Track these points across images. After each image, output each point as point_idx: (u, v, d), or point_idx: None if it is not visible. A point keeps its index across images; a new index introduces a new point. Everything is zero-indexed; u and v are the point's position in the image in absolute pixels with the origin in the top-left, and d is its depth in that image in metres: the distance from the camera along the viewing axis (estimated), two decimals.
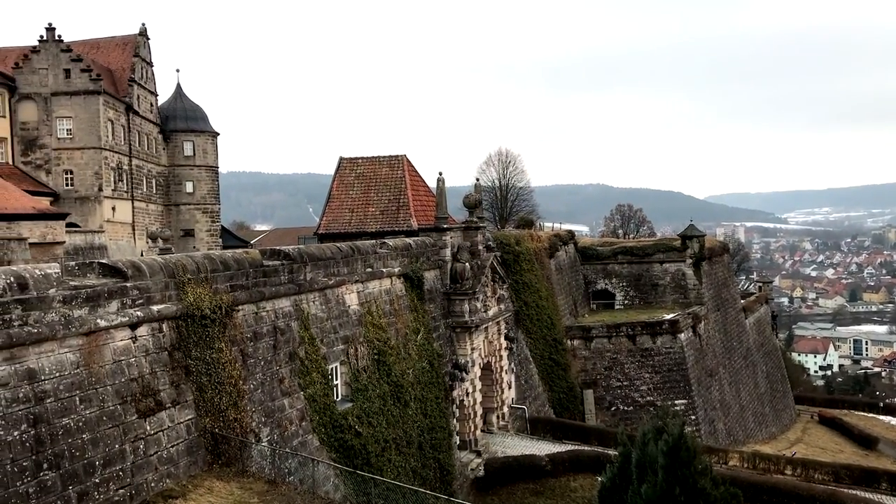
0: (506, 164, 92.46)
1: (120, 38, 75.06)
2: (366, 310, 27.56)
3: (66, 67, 64.86)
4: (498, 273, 39.81)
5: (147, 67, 75.61)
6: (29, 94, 64.98)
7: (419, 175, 49.68)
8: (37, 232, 43.06)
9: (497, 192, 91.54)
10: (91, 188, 64.94)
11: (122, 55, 72.85)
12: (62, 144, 64.91)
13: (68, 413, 14.77)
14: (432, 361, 31.59)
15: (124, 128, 69.60)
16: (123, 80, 70.96)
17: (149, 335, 17.26)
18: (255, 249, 24.29)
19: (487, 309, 37.86)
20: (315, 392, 22.91)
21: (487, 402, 38.19)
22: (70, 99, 64.72)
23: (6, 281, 14.01)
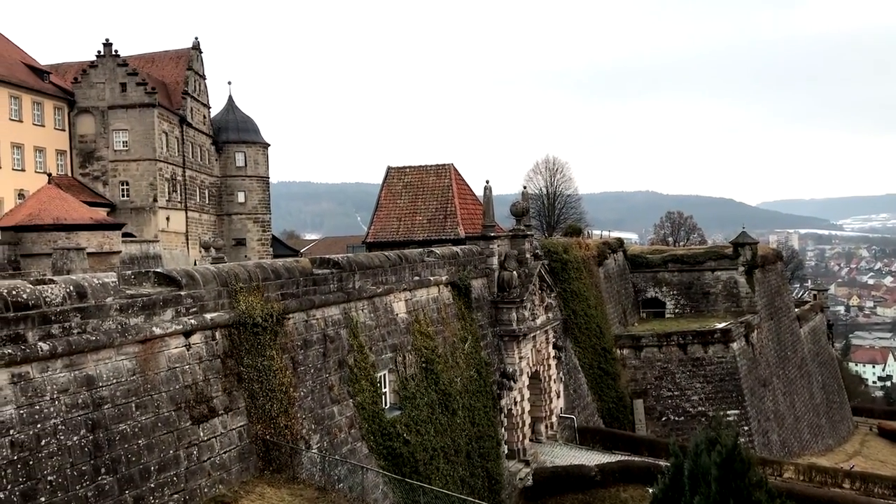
0: (553, 171, 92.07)
1: (174, 51, 76.85)
2: (413, 318, 27.67)
3: (123, 81, 66.63)
4: (546, 281, 39.62)
5: (200, 80, 77.25)
6: (87, 108, 66.92)
7: (466, 183, 49.75)
8: (94, 242, 44.23)
9: (544, 200, 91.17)
10: (146, 199, 66.50)
11: (175, 68, 74.57)
12: (118, 156, 66.65)
13: (125, 419, 15.12)
14: (480, 370, 31.54)
15: (178, 140, 71.17)
16: (177, 92, 72.60)
17: (202, 343, 17.59)
18: (305, 258, 24.60)
19: (535, 317, 37.69)
20: (364, 400, 23.06)
21: (536, 411, 37.98)
22: (126, 112, 66.45)
23: (66, 290, 14.42)
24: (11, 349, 13.06)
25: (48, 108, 64.56)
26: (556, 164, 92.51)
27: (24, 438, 13.07)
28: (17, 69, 63.32)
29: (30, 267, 42.05)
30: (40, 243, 43.15)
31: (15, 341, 13.20)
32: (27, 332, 13.45)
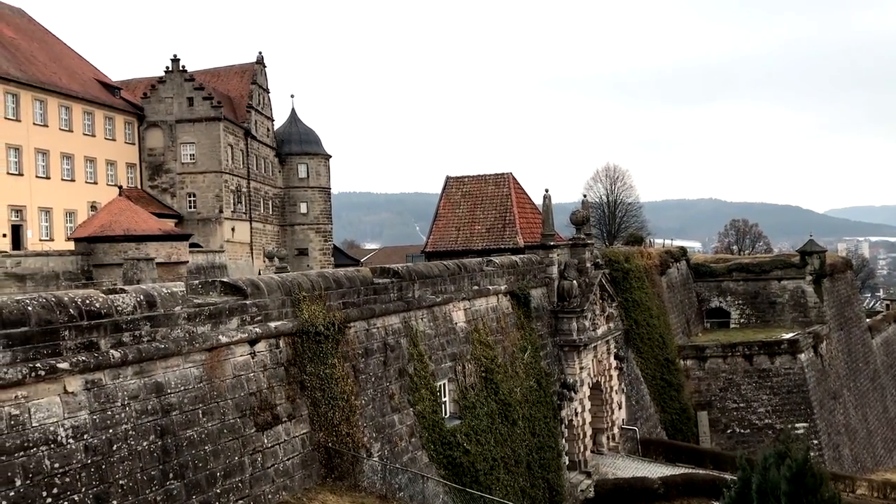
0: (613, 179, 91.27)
1: (238, 66, 78.75)
2: (473, 327, 27.67)
3: (190, 96, 68.55)
4: (607, 291, 39.20)
5: (264, 94, 78.93)
6: (156, 122, 69.01)
7: (525, 192, 49.63)
8: (163, 252, 45.49)
9: (605, 209, 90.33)
10: (212, 210, 68.17)
11: (240, 83, 76.37)
12: (186, 169, 68.52)
13: (192, 425, 15.48)
14: (540, 380, 31.35)
15: (243, 152, 72.78)
16: (242, 106, 74.32)
17: (266, 351, 17.92)
18: (366, 267, 24.85)
19: (596, 327, 37.30)
20: (424, 408, 23.15)
21: (597, 422, 37.53)
22: (193, 126, 68.33)
23: (136, 299, 14.87)
24: (85, 356, 13.51)
25: (119, 122, 66.79)
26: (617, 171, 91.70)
27: (97, 443, 13.51)
28: (90, 86, 65.71)
29: (101, 277, 43.48)
30: (111, 254, 44.56)
31: (88, 349, 13.66)
32: (100, 339, 13.90)
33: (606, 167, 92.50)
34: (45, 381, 12.87)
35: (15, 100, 54.98)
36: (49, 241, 55.97)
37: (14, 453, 12.17)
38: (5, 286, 41.55)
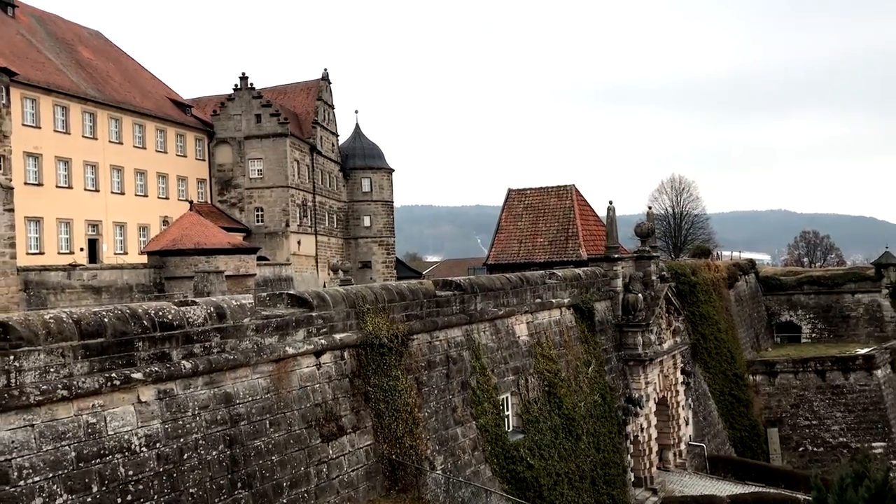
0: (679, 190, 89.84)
1: (304, 83, 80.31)
2: (535, 341, 27.52)
3: (258, 113, 70.20)
4: (673, 304, 38.53)
5: (329, 110, 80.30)
6: (225, 139, 70.85)
7: (588, 204, 49.23)
8: (231, 265, 46.58)
9: (670, 221, 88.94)
10: (279, 224, 69.51)
11: (306, 99, 77.87)
12: (253, 184, 70.10)
13: (259, 435, 15.78)
14: (604, 395, 30.96)
15: (308, 167, 74.11)
16: (308, 122, 75.73)
17: (332, 362, 18.16)
18: (428, 280, 24.99)
19: (662, 342, 36.68)
20: (487, 422, 23.10)
21: (663, 438, 36.83)
22: (261, 142, 69.92)
23: (207, 311, 15.26)
24: (158, 367, 13.93)
25: (190, 139, 68.77)
26: (682, 182, 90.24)
27: (168, 452, 13.88)
28: (162, 104, 67.87)
29: (173, 289, 44.75)
30: (182, 267, 45.83)
31: (161, 359, 14.07)
32: (172, 350, 14.31)
33: (672, 178, 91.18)
34: (119, 391, 13.30)
35: (92, 118, 57.14)
36: (123, 254, 57.85)
37: (91, 460, 12.59)
38: (83, 298, 43.10)
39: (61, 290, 43.69)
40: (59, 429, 12.29)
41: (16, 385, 11.71)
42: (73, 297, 43.10)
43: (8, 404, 11.53)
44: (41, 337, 12.17)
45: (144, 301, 38.32)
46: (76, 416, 12.58)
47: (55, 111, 53.65)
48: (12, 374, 11.68)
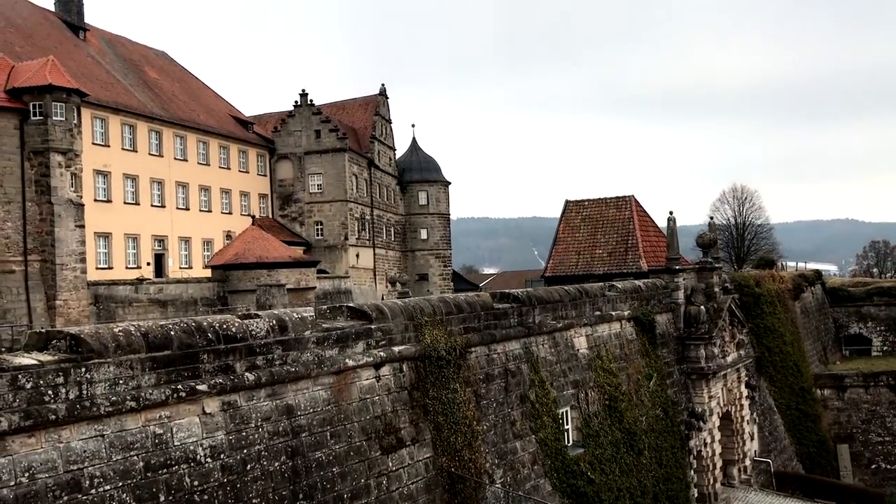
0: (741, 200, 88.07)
1: (362, 98, 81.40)
2: (595, 354, 27.22)
3: (317, 129, 71.44)
4: (736, 316, 37.69)
5: (386, 124, 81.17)
6: (285, 154, 72.21)
7: (648, 215, 48.58)
8: (292, 278, 47.30)
9: (733, 231, 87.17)
10: (338, 237, 70.42)
11: (364, 114, 78.90)
12: (313, 198, 71.24)
13: (320, 447, 15.94)
14: (666, 409, 30.41)
15: (367, 181, 74.97)
16: (366, 137, 76.69)
17: (391, 375, 18.27)
18: (485, 292, 24.96)
19: (725, 355, 35.89)
20: (546, 436, 22.91)
21: (727, 453, 35.96)
22: (320, 157, 71.07)
23: (269, 324, 15.52)
24: (222, 379, 14.20)
25: (252, 155, 70.26)
26: (745, 192, 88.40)
27: (232, 463, 14.13)
28: (225, 121, 69.54)
29: (236, 302, 45.66)
30: (245, 280, 46.74)
31: (225, 371, 14.35)
32: (235, 363, 14.58)
33: (733, 188, 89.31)
34: (185, 403, 13.61)
35: (158, 137, 58.85)
36: (188, 268, 59.28)
37: (158, 470, 12.90)
38: (149, 311, 44.29)
39: (129, 303, 44.96)
40: (128, 439, 12.62)
41: (87, 396, 12.08)
42: (141, 311, 44.34)
43: (80, 415, 11.89)
44: (111, 350, 12.54)
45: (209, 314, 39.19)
46: (144, 426, 12.90)
47: (123, 130, 55.44)
48: (84, 385, 12.06)
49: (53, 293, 43.35)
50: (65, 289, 43.62)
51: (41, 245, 43.93)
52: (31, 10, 59.79)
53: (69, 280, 43.88)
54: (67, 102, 44.77)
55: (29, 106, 43.89)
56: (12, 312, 41.78)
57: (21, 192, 43.41)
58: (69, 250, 44.31)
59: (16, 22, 55.55)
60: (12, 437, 11.05)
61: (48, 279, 43.68)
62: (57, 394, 11.65)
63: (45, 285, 43.62)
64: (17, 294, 42.49)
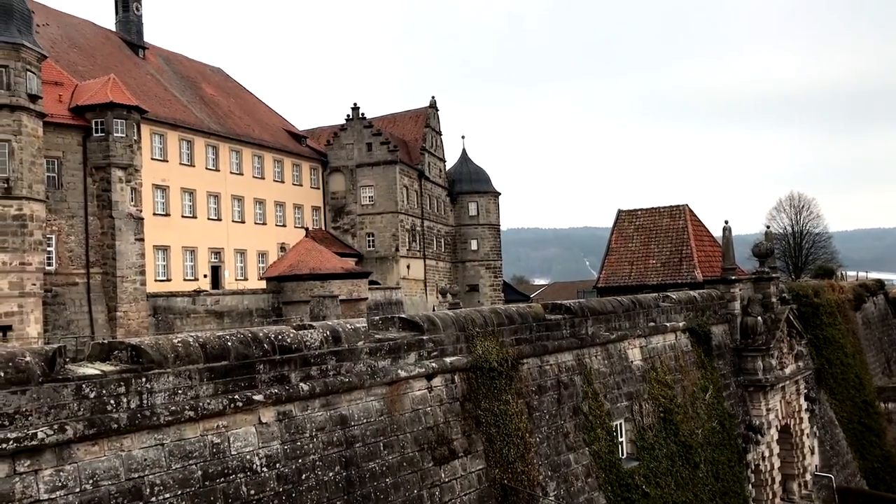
0: (798, 208, 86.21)
1: (413, 111, 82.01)
2: (649, 365, 26.87)
3: (369, 141, 72.21)
4: (795, 327, 36.82)
5: (436, 136, 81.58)
6: (338, 167, 73.12)
7: (702, 224, 47.86)
8: (345, 289, 47.76)
9: (790, 240, 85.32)
10: (389, 249, 70.92)
11: (414, 127, 79.48)
12: (365, 210, 71.92)
13: (374, 458, 16.05)
14: (723, 422, 29.82)
15: (417, 193, 75.42)
16: (416, 149, 77.20)
17: (442, 385, 18.31)
18: (537, 303, 24.85)
19: (783, 366, 35.07)
20: (600, 448, 22.68)
21: (787, 468, 35.08)
22: (371, 169, 71.77)
23: (323, 335, 15.71)
24: (278, 389, 14.42)
25: (305, 168, 71.34)
26: (802, 200, 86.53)
27: (287, 472, 14.31)
28: (279, 136, 70.75)
29: (290, 313, 46.31)
30: (299, 291, 47.38)
31: (280, 382, 14.57)
32: (290, 373, 14.79)
33: (790, 196, 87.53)
34: (242, 412, 13.84)
35: (214, 151, 60.16)
36: (243, 280, 60.34)
37: (216, 479, 13.14)
38: (206, 322, 45.20)
39: (187, 314, 45.96)
40: (187, 448, 12.89)
41: (147, 406, 12.38)
42: (198, 322, 45.30)
43: (141, 424, 12.19)
44: (170, 360, 12.83)
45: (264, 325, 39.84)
46: (202, 436, 13.16)
47: (181, 145, 56.82)
48: (144, 395, 12.36)
49: (114, 305, 44.58)
50: (125, 300, 44.81)
51: (103, 258, 45.23)
52: (94, 30, 61.78)
53: (129, 292, 45.06)
54: (128, 119, 46.12)
55: (91, 123, 45.36)
56: (75, 323, 43.07)
57: (84, 206, 44.81)
58: (129, 263, 45.52)
59: (79, 42, 57.46)
60: (77, 445, 11.37)
61: (109, 291, 44.94)
62: (119, 403, 11.96)
63: (107, 297, 44.89)
64: (80, 305, 43.80)
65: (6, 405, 10.57)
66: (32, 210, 39.74)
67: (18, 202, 39.06)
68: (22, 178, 39.24)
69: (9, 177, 38.83)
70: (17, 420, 10.68)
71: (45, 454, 10.96)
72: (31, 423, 10.81)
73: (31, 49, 40.04)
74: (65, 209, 44.17)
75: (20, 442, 10.57)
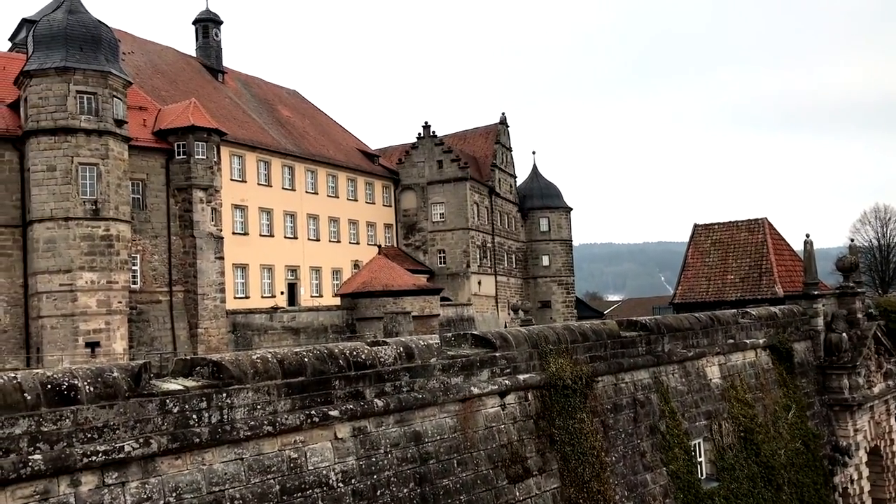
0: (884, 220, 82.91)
1: (483, 128, 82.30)
2: (728, 384, 26.16)
3: (439, 159, 72.75)
4: (883, 344, 35.32)
5: (506, 152, 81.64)
6: (409, 185, 73.84)
7: (782, 238, 46.51)
8: (417, 306, 48.08)
9: (875, 253, 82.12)
10: (460, 265, 71.10)
11: (484, 143, 79.72)
12: (436, 227, 72.34)
13: (448, 475, 16.05)
14: (807, 442, 28.76)
15: (487, 209, 75.50)
16: (486, 165, 77.38)
17: (515, 403, 18.21)
18: (611, 320, 24.52)
19: (871, 385, 33.65)
20: (678, 468, 22.15)
21: (877, 491, 33.56)
22: (442, 186, 72.24)
23: (397, 351, 15.85)
24: (353, 405, 14.59)
25: (378, 187, 72.29)
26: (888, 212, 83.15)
27: (363, 488, 14.44)
28: (353, 155, 71.97)
29: (364, 329, 46.86)
30: (372, 308, 47.94)
31: (355, 398, 14.74)
32: (365, 389, 14.95)
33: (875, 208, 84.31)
34: (318, 428, 14.04)
35: (290, 171, 61.58)
36: (318, 297, 61.40)
37: (293, 493, 13.35)
38: (283, 339, 46.13)
39: (264, 331, 47.00)
40: (265, 463, 13.14)
41: (228, 420, 12.68)
42: (275, 338, 46.28)
43: (221, 438, 12.50)
44: (249, 376, 13.14)
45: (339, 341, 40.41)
46: (280, 451, 13.40)
47: (259, 166, 58.38)
48: (225, 410, 12.67)
49: (195, 321, 45.94)
50: (206, 317, 46.14)
51: (184, 276, 46.72)
52: (176, 56, 64.21)
53: (210, 309, 46.38)
54: (208, 142, 47.68)
55: (174, 146, 47.06)
56: (159, 340, 44.54)
57: (167, 226, 46.43)
58: (210, 281, 46.89)
59: (162, 68, 59.78)
60: (161, 459, 11.73)
61: (191, 308, 46.35)
62: (200, 418, 12.29)
63: (188, 314, 46.30)
64: (163, 322, 45.29)
65: (95, 419, 10.99)
66: (119, 230, 41.37)
67: (106, 223, 40.73)
68: (109, 200, 40.92)
69: (97, 199, 40.55)
70: (106, 433, 11.08)
71: (131, 467, 11.33)
72: (119, 437, 11.20)
73: (118, 76, 41.85)
74: (149, 229, 45.83)
75: (108, 455, 10.96)
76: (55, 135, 39.91)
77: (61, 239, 39.75)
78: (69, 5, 42.50)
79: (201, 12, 67.43)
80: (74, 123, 40.08)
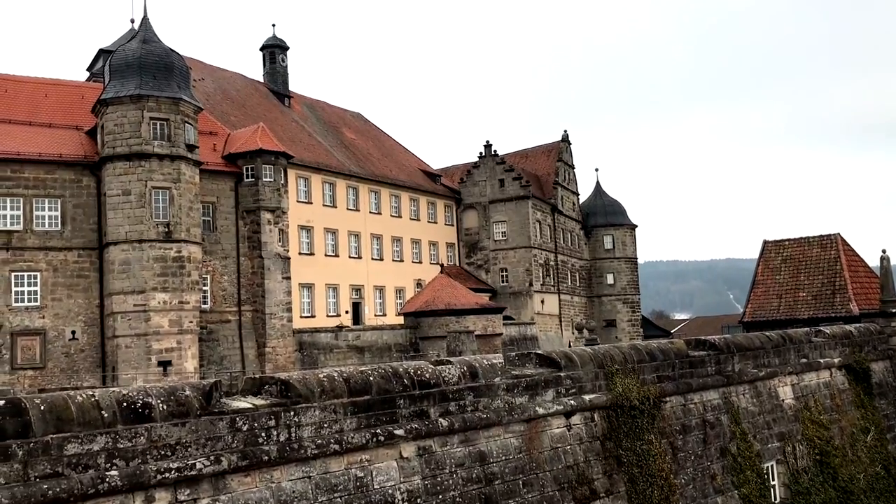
0: None
1: (545, 146, 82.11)
2: (802, 405, 25.35)
3: (501, 178, 72.81)
4: None
5: (569, 170, 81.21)
6: (471, 204, 74.03)
7: (857, 254, 44.96)
8: (479, 324, 48.02)
9: None
10: (523, 284, 70.80)
11: (546, 161, 79.50)
12: (498, 246, 72.28)
13: (513, 495, 15.93)
14: (888, 467, 27.61)
15: (550, 227, 75.12)
16: (549, 183, 77.10)
17: (581, 424, 18.00)
18: (679, 339, 24.07)
19: None
20: (750, 491, 21.52)
21: None
22: (504, 205, 72.21)
23: (461, 370, 15.86)
24: (417, 424, 14.64)
25: (440, 206, 72.70)
26: None
27: None
28: (415, 175, 72.61)
29: (427, 348, 47.02)
30: (435, 327, 48.07)
31: (420, 417, 14.78)
32: (429, 408, 14.98)
33: None
34: (383, 447, 14.12)
35: (355, 192, 62.48)
36: (382, 315, 61.89)
37: None
38: (348, 357, 46.62)
39: (330, 349, 47.60)
40: (332, 481, 13.26)
41: (295, 439, 12.86)
42: (340, 357, 46.81)
43: (289, 456, 12.68)
44: (316, 394, 13.31)
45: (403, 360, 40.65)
46: (346, 469, 13.51)
47: (324, 187, 59.40)
48: (293, 428, 12.86)
49: (263, 340, 46.83)
50: (273, 336, 46.98)
51: (253, 296, 47.71)
52: (244, 82, 66.01)
53: (277, 328, 47.22)
54: (275, 165, 48.78)
55: (242, 169, 48.29)
56: (228, 358, 45.51)
57: (236, 247, 47.57)
58: (277, 300, 47.77)
59: (231, 94, 61.52)
60: (231, 476, 11.95)
61: (259, 327, 47.28)
62: (269, 436, 12.49)
63: (256, 333, 47.23)
64: (232, 342, 46.29)
65: (168, 436, 11.28)
66: (190, 252, 42.56)
67: (178, 245, 41.96)
68: (181, 223, 42.17)
69: (169, 221, 41.83)
70: (178, 450, 11.36)
71: (202, 484, 11.58)
72: (190, 454, 11.47)
73: (189, 102, 43.24)
74: (218, 250, 47.02)
75: (181, 472, 11.22)
76: (130, 160, 41.41)
77: (135, 260, 41.08)
78: (143, 35, 44.18)
79: (268, 39, 69.18)
80: (148, 149, 41.51)
